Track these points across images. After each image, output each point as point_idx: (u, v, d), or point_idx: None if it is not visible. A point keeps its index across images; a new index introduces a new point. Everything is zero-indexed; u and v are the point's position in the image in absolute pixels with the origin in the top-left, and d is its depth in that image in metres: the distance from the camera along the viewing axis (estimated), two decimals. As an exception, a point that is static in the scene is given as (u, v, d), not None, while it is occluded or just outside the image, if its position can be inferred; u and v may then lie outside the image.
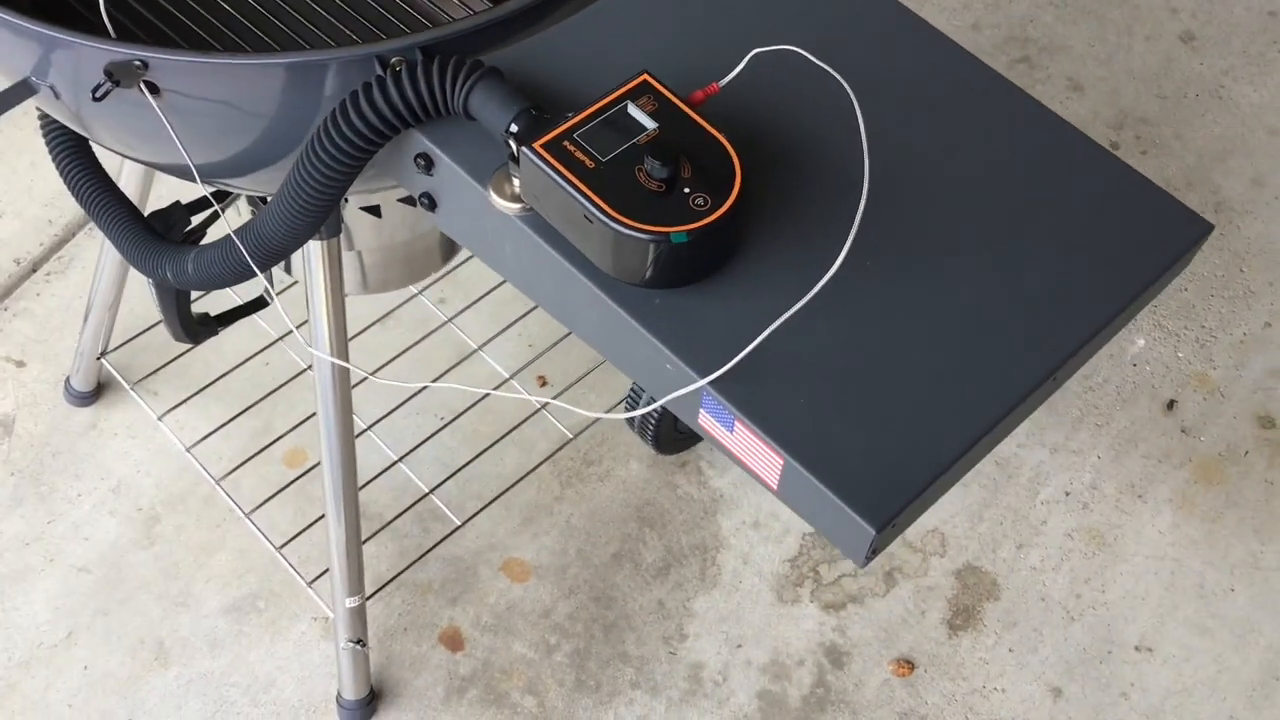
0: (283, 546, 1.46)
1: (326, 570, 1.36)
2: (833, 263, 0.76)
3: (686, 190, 0.77)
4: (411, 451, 1.56)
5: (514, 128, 0.81)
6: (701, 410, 0.78)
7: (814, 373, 0.77)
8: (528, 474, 1.58)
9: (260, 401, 1.57)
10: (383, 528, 1.52)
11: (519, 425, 1.60)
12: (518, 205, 0.82)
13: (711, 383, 0.76)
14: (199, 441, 1.54)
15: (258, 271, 1.00)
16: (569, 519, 1.57)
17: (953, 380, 0.77)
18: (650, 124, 0.79)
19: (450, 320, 1.63)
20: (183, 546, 1.52)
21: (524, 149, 0.78)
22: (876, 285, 0.80)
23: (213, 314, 1.27)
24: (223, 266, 1.02)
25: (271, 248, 0.98)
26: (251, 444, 1.57)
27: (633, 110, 0.80)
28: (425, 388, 1.59)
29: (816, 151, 0.84)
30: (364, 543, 1.36)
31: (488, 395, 1.59)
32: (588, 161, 0.77)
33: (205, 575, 1.50)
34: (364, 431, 1.55)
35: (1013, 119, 0.88)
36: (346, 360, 1.20)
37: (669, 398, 0.79)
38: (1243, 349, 1.76)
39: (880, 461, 0.74)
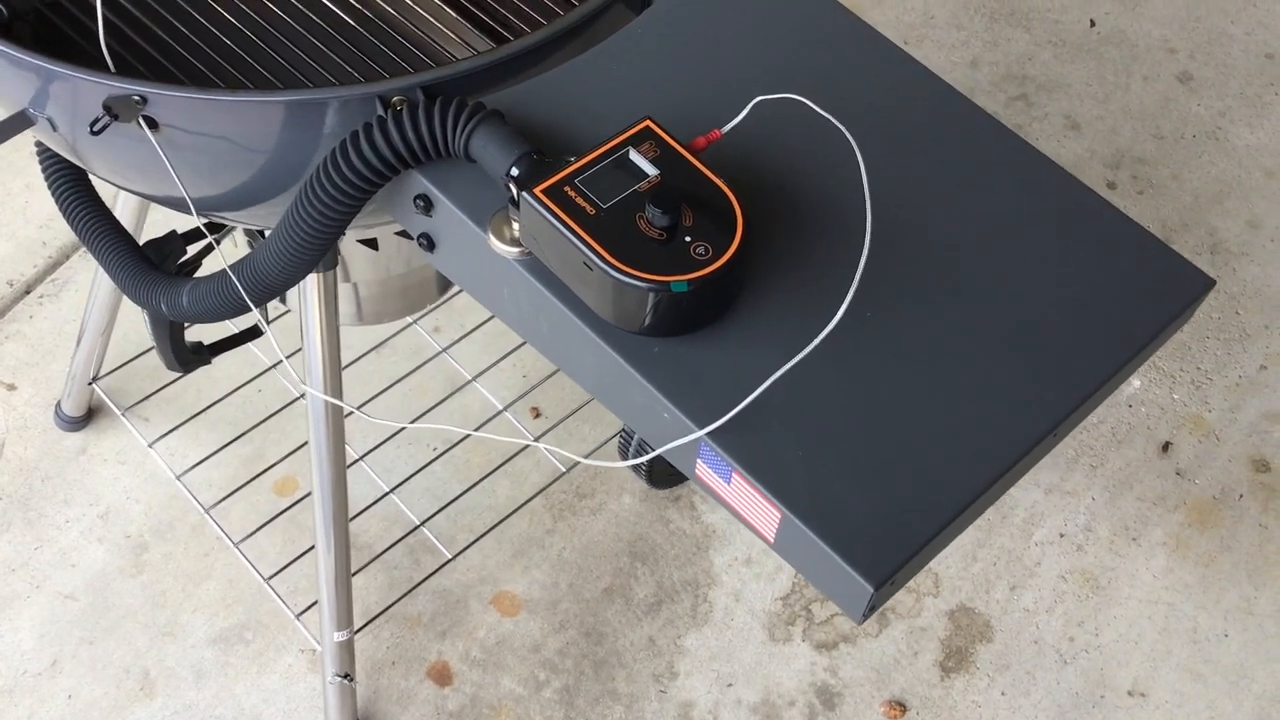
0: (271, 577, 1.45)
1: (315, 602, 1.35)
2: (834, 312, 0.75)
3: (688, 239, 0.76)
4: (403, 483, 1.54)
5: (514, 171, 0.80)
6: (699, 460, 0.77)
7: (814, 425, 0.76)
8: (520, 507, 1.57)
9: (252, 429, 1.56)
10: (373, 560, 1.51)
11: (511, 458, 1.59)
12: (516, 249, 0.82)
13: (710, 433, 0.75)
14: (189, 469, 1.53)
15: (253, 307, 1.00)
16: (560, 552, 1.56)
17: (953, 435, 0.77)
18: (652, 170, 0.79)
19: (445, 350, 1.63)
20: (171, 575, 1.50)
21: (524, 194, 0.78)
22: (878, 337, 0.80)
23: (206, 343, 1.26)
24: (217, 300, 1.02)
25: (268, 283, 0.97)
26: (243, 472, 1.55)
27: (634, 156, 0.79)
28: (404, 429, 1.58)
29: (818, 200, 0.83)
30: (354, 574, 1.35)
31: (480, 428, 1.59)
32: (588, 208, 0.77)
33: (193, 605, 1.48)
34: (355, 462, 1.54)
35: (1015, 169, 0.88)
36: (339, 394, 1.19)
37: (666, 447, 0.78)
38: (1238, 392, 1.76)
39: (879, 517, 0.73)
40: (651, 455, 0.80)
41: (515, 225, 0.82)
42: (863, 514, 0.73)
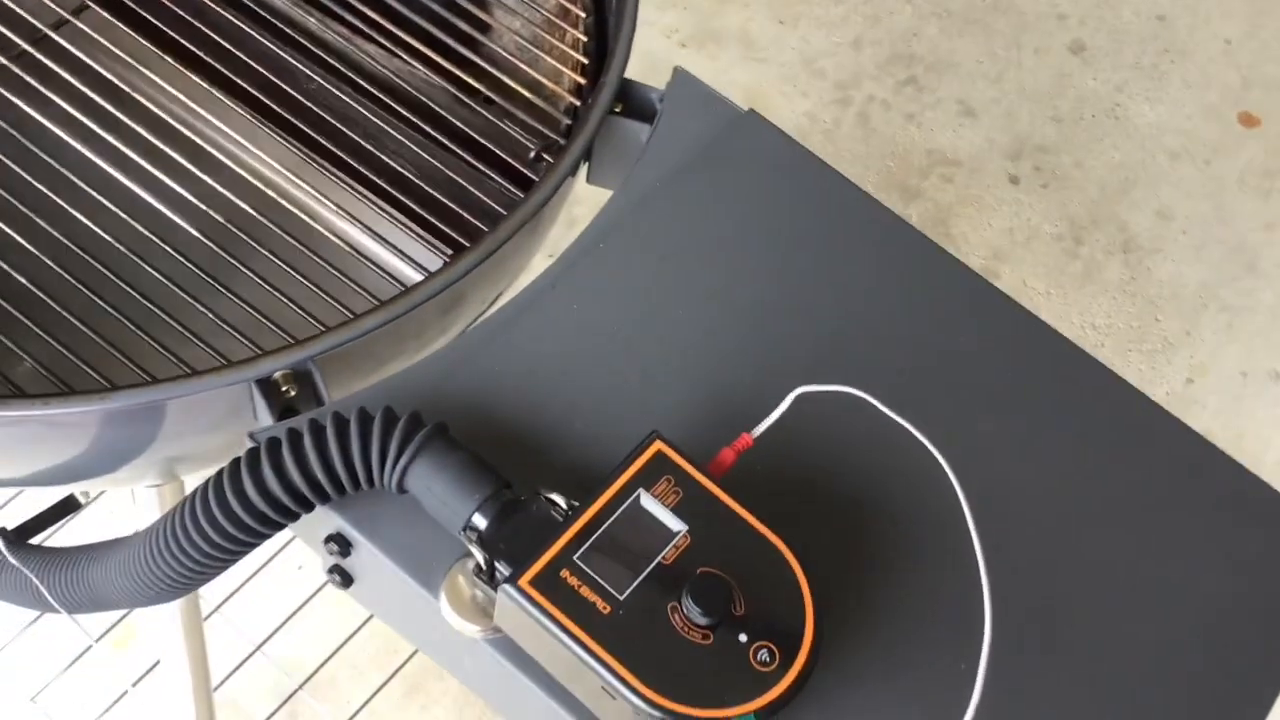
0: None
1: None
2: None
3: (742, 637, 0.54)
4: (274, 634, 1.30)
5: (478, 523, 0.57)
6: None
7: None
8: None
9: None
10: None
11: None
12: (482, 626, 0.59)
13: None
14: (-2, 651, 1.25)
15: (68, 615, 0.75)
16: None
17: None
18: (677, 525, 0.56)
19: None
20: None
21: (507, 587, 0.54)
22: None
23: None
24: (24, 598, 0.76)
25: (106, 605, 0.71)
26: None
27: (648, 503, 0.56)
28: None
29: (890, 523, 0.63)
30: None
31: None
32: (600, 604, 0.54)
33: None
34: (211, 614, 1.29)
35: (1143, 442, 0.68)
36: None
37: None
38: (1166, 411, 1.64)
39: None
40: None
41: (479, 591, 0.59)
42: None
